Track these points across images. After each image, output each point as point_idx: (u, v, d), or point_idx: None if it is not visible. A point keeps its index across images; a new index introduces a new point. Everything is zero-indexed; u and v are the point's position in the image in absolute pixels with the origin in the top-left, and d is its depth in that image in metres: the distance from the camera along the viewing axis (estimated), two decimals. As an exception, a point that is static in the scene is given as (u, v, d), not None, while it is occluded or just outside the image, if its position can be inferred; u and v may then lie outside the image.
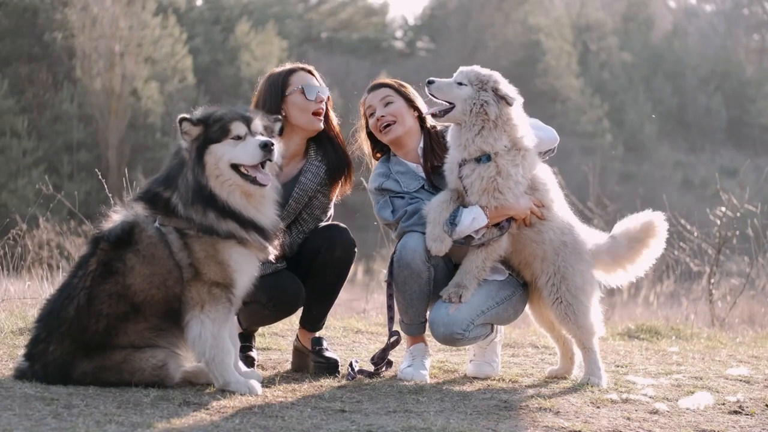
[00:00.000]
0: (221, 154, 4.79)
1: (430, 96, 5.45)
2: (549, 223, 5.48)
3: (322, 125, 5.65)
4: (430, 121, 5.78)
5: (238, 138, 4.82)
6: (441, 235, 5.32)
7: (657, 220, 5.60)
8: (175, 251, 4.78)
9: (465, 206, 5.40)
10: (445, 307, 5.42)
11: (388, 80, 5.85)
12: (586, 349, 5.56)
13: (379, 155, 5.87)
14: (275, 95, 5.58)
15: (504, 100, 5.33)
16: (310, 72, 5.69)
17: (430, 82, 5.42)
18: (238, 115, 4.87)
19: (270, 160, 4.82)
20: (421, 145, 5.74)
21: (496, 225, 5.41)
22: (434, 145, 5.73)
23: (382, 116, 5.66)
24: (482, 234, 5.38)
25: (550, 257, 5.47)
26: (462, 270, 5.48)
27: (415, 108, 5.74)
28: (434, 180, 5.65)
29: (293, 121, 5.58)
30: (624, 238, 5.61)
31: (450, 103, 5.39)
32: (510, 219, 5.42)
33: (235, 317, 5.14)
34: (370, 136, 5.83)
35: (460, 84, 5.39)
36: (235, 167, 4.81)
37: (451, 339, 5.42)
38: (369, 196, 5.79)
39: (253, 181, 4.82)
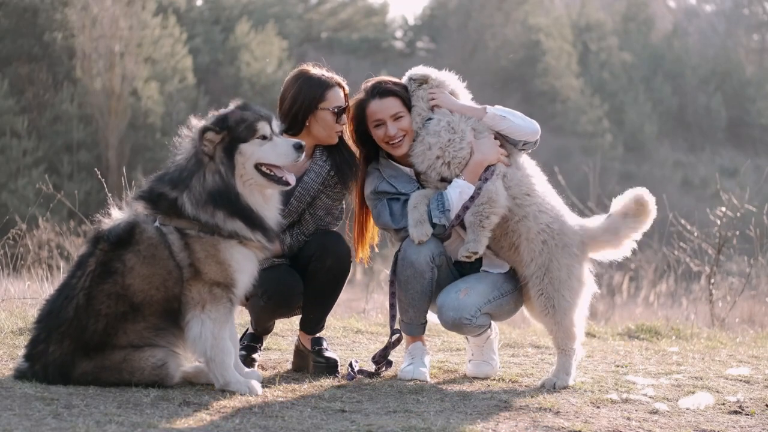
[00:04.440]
0: (250, 153, 4.82)
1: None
2: (529, 198, 5.42)
3: (337, 140, 5.63)
4: None
5: (264, 138, 4.85)
6: (421, 219, 5.37)
7: (645, 194, 5.47)
8: (176, 252, 4.78)
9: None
10: (455, 293, 5.44)
11: (392, 84, 5.63)
12: (561, 351, 5.41)
13: (364, 157, 5.74)
14: (308, 103, 5.49)
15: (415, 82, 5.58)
16: (343, 88, 5.64)
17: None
18: (262, 115, 4.90)
19: (297, 161, 4.90)
20: None
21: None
22: None
23: (394, 134, 5.54)
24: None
25: (533, 238, 5.37)
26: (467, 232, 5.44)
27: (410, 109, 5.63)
28: None
29: (314, 131, 5.54)
30: (619, 215, 5.49)
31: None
32: (490, 168, 5.42)
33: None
34: (361, 138, 5.69)
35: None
36: (257, 167, 4.82)
37: (459, 324, 5.42)
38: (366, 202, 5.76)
39: (278, 180, 4.87)
